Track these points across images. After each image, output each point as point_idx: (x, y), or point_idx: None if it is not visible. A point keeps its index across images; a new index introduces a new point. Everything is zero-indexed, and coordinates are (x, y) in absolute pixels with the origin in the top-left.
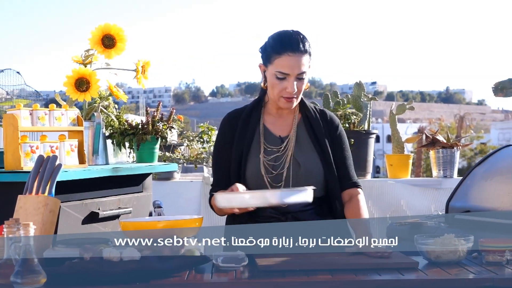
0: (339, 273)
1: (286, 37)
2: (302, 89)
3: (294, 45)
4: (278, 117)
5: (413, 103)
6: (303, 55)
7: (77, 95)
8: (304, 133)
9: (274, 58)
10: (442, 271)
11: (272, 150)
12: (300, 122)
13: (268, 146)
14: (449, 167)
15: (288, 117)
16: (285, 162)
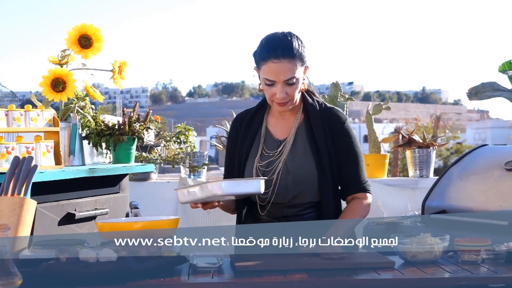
0: (316, 273)
1: (272, 42)
2: (295, 93)
3: (278, 51)
4: (280, 118)
5: (389, 103)
6: (288, 60)
7: (53, 96)
8: (303, 136)
9: (261, 64)
10: (418, 270)
11: (269, 154)
12: (301, 124)
13: (265, 150)
14: (425, 166)
15: (290, 119)
16: (276, 168)
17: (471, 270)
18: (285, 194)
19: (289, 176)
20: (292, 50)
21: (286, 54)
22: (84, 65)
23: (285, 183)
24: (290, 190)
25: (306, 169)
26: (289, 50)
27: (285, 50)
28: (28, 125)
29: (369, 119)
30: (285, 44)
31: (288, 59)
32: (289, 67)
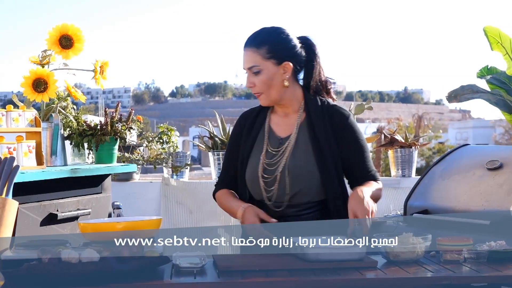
0: (299, 273)
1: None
2: (262, 84)
3: (247, 40)
4: (283, 116)
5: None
6: (253, 50)
7: (35, 96)
8: (305, 135)
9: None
10: (400, 269)
11: (272, 152)
12: (304, 122)
13: (270, 147)
14: (408, 166)
15: (292, 117)
16: (279, 166)
17: (453, 270)
18: (283, 193)
19: (288, 175)
20: (256, 40)
21: (251, 43)
22: (65, 65)
23: (284, 182)
24: (288, 189)
25: (306, 168)
26: (254, 40)
27: (250, 40)
28: (9, 125)
29: None
30: (256, 34)
31: (252, 48)
32: (251, 55)
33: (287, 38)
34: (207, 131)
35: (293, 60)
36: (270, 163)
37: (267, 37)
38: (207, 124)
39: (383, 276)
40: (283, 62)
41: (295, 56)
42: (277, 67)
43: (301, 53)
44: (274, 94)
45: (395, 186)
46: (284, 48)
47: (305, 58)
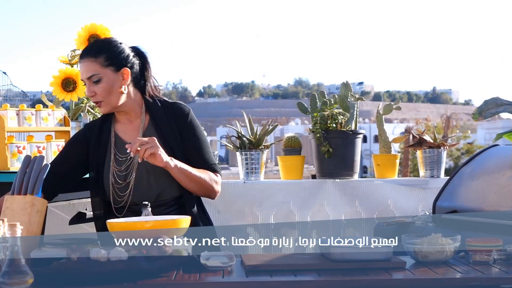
0: (327, 273)
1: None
2: (104, 93)
3: (82, 52)
4: (127, 123)
5: (400, 103)
6: (89, 60)
7: (64, 95)
8: (153, 135)
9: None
10: (429, 270)
11: (122, 159)
12: (149, 124)
13: (119, 155)
14: (436, 167)
15: (136, 121)
16: (132, 170)
17: (482, 271)
18: (149, 193)
19: (150, 176)
20: (92, 50)
21: (86, 54)
22: None
23: (147, 183)
24: (153, 188)
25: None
26: (89, 51)
27: (86, 51)
28: (39, 124)
29: (380, 119)
30: (90, 46)
31: (88, 58)
32: (88, 65)
33: (121, 46)
34: (234, 131)
35: (129, 67)
36: (124, 169)
37: (103, 46)
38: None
39: (411, 276)
40: (121, 69)
41: (131, 63)
42: (116, 74)
43: (135, 61)
44: (114, 100)
45: (424, 186)
46: (121, 55)
47: (139, 65)
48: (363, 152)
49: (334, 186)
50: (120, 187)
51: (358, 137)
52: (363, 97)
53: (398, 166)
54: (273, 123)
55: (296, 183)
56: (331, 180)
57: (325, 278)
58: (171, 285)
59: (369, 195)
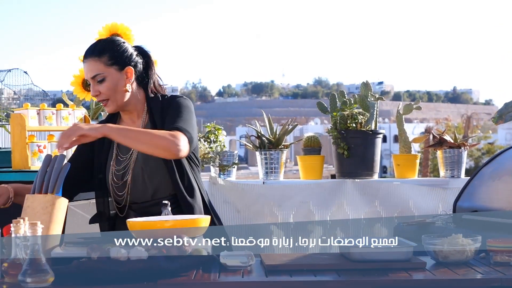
0: (347, 273)
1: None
2: (108, 91)
3: (86, 52)
4: (131, 123)
5: (420, 103)
6: (94, 59)
7: (84, 95)
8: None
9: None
10: (449, 271)
11: (122, 159)
12: (148, 123)
13: (120, 155)
14: (457, 167)
15: (138, 121)
16: (129, 169)
17: (503, 271)
18: (145, 192)
19: (145, 174)
20: (96, 50)
21: (90, 53)
22: None
23: (142, 181)
24: (148, 187)
25: (156, 163)
26: (93, 50)
27: (90, 51)
28: (59, 123)
29: (400, 119)
30: (94, 45)
31: (92, 57)
32: (93, 65)
33: (124, 45)
34: (254, 130)
35: (133, 66)
36: (119, 170)
37: (107, 45)
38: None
39: (431, 277)
40: (125, 67)
41: (134, 61)
42: (120, 73)
43: (138, 59)
44: (119, 99)
45: (444, 186)
46: (124, 54)
47: (143, 64)
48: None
49: (353, 186)
50: (118, 186)
51: (378, 137)
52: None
53: (418, 166)
54: (293, 123)
55: (316, 183)
56: (351, 180)
57: (345, 278)
58: (191, 284)
59: (389, 195)
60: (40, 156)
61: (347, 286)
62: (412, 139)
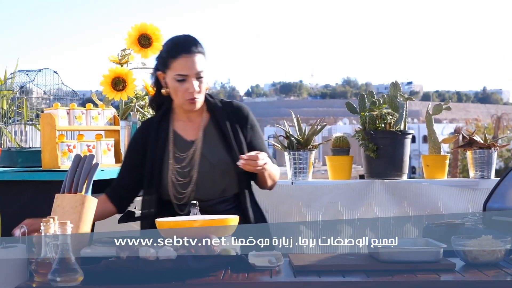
0: (375, 274)
1: (180, 40)
2: (203, 89)
3: (188, 46)
4: (188, 121)
5: (449, 103)
6: (198, 55)
7: (114, 95)
8: (213, 133)
9: (170, 62)
10: (479, 272)
11: (183, 156)
12: (209, 122)
13: (178, 153)
14: (486, 168)
15: (196, 120)
16: (193, 167)
17: None
18: (213, 189)
19: (215, 172)
20: (198, 46)
21: (196, 49)
22: (144, 64)
23: (211, 179)
24: (218, 185)
25: (226, 163)
26: (197, 46)
27: (193, 46)
28: (89, 123)
29: (429, 119)
30: (193, 41)
31: (197, 53)
32: (199, 60)
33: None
34: (282, 130)
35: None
36: (183, 167)
37: (199, 43)
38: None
39: (461, 278)
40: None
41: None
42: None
43: None
44: (203, 98)
45: (474, 187)
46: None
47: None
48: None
49: (382, 187)
50: (181, 184)
51: (407, 137)
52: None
53: (448, 167)
54: (321, 123)
55: (344, 184)
56: (380, 181)
57: (373, 279)
58: (220, 284)
59: (418, 196)
60: (69, 156)
61: (375, 286)
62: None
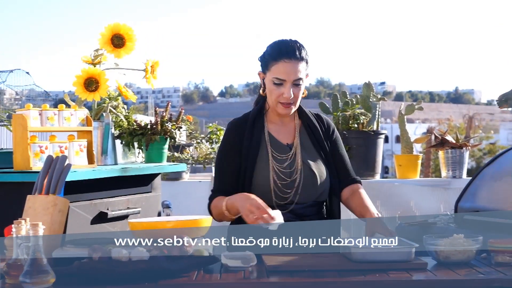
0: (347, 273)
1: (283, 44)
2: (299, 96)
3: (291, 52)
4: (281, 124)
5: (422, 103)
6: (299, 62)
7: (86, 95)
8: (307, 139)
9: (271, 64)
10: (451, 271)
11: (282, 157)
12: (301, 128)
13: (277, 154)
14: (458, 167)
15: (290, 124)
16: (296, 169)
17: (504, 272)
18: (310, 193)
19: (315, 176)
20: (302, 53)
21: (297, 55)
22: (116, 64)
23: (311, 183)
24: (318, 188)
25: (322, 169)
26: (300, 52)
27: (296, 52)
28: (61, 124)
29: (402, 120)
30: (297, 46)
31: (298, 60)
32: (298, 67)
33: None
34: None
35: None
36: (286, 167)
37: (304, 50)
38: None
39: (433, 277)
40: (307, 73)
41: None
42: (306, 78)
43: None
44: (298, 104)
45: (446, 187)
46: (309, 60)
47: None
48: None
49: None
50: (284, 184)
51: (380, 137)
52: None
53: (420, 166)
54: None
55: None
56: None
57: (345, 279)
58: (192, 285)
59: (391, 195)
60: (41, 157)
61: (348, 286)
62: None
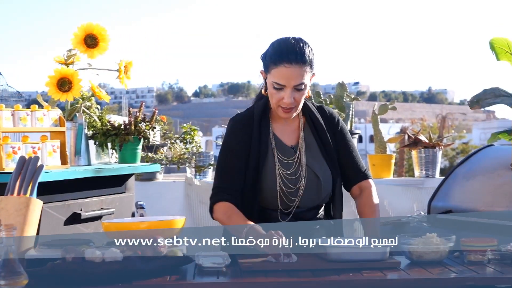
0: (322, 273)
1: (285, 46)
2: (301, 100)
3: (291, 56)
4: (285, 123)
5: (395, 103)
6: (301, 66)
7: (59, 96)
8: (311, 138)
9: (271, 68)
10: (424, 270)
11: (287, 161)
12: (306, 126)
13: (282, 157)
14: (431, 167)
15: (294, 123)
16: (301, 174)
17: (477, 271)
18: (314, 198)
19: (320, 181)
20: (304, 56)
21: (299, 59)
22: (90, 65)
23: (316, 188)
24: (321, 194)
25: (326, 172)
26: (302, 56)
27: (298, 56)
28: (34, 125)
29: (375, 119)
30: (298, 49)
31: (300, 64)
32: (300, 72)
33: (312, 49)
34: None
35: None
36: (289, 175)
37: (309, 52)
38: None
39: (406, 276)
40: (313, 73)
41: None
42: (310, 80)
43: None
44: (300, 108)
45: (419, 186)
46: (314, 59)
47: None
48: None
49: None
50: (290, 192)
51: (354, 137)
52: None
53: (394, 166)
54: None
55: None
56: None
57: (320, 278)
58: (166, 285)
59: None
60: (14, 158)
61: (322, 286)
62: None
